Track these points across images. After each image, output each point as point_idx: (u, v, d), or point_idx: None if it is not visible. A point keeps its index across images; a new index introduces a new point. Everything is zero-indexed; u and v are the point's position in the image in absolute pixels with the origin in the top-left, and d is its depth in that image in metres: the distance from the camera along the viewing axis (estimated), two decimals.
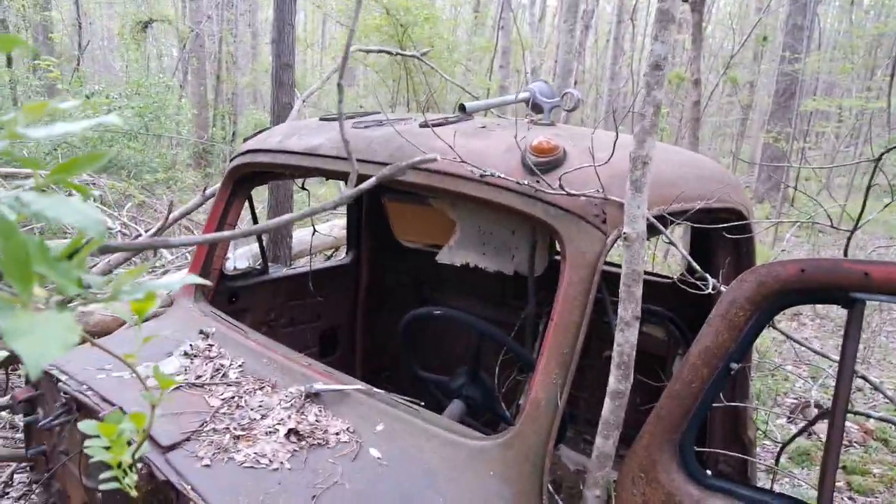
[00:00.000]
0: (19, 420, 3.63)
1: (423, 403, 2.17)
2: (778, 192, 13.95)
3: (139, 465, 1.87)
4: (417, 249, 3.81)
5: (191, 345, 2.43)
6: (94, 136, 9.91)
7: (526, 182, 1.86)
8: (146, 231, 4.70)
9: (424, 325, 3.93)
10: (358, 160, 2.31)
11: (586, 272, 1.84)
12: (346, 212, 4.04)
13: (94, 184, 7.70)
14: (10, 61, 10.90)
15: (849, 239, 1.90)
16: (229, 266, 3.34)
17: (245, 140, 2.99)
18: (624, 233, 1.63)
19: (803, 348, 1.83)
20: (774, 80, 16.90)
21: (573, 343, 1.82)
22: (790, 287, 1.54)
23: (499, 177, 1.85)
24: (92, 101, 11.17)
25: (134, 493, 1.25)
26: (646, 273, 3.41)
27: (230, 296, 3.28)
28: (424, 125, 2.29)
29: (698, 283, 2.06)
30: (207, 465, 1.75)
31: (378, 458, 1.84)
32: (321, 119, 2.80)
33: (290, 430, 1.88)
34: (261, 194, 5.41)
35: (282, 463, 1.77)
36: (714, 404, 2.35)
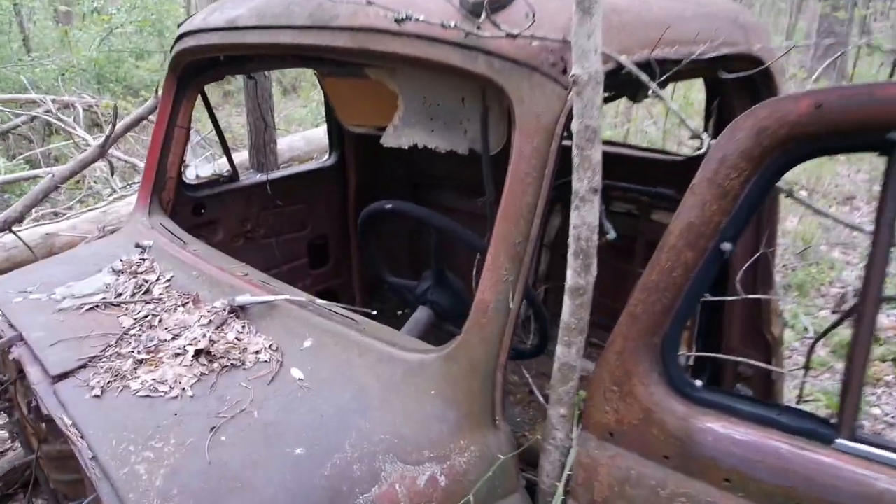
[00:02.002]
0: None
1: (374, 313, 1.86)
2: (834, 70, 12.61)
3: (30, 400, 1.64)
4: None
5: (121, 260, 2.16)
6: (100, 57, 9.57)
7: (453, 25, 1.42)
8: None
9: (406, 225, 3.58)
10: (276, 26, 1.90)
11: (541, 140, 1.42)
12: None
13: (97, 105, 7.44)
14: None
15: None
16: (191, 174, 3.03)
17: (179, 25, 2.59)
18: (572, 74, 1.20)
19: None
20: None
21: (526, 231, 1.44)
22: (803, 131, 1.10)
23: (416, 20, 1.41)
24: (96, 17, 10.76)
25: None
26: (656, 151, 2.94)
27: (195, 207, 2.98)
28: None
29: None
30: (97, 396, 1.49)
31: (299, 379, 1.55)
32: None
33: (199, 351, 1.60)
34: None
35: (183, 390, 1.50)
36: (730, 297, 1.97)
